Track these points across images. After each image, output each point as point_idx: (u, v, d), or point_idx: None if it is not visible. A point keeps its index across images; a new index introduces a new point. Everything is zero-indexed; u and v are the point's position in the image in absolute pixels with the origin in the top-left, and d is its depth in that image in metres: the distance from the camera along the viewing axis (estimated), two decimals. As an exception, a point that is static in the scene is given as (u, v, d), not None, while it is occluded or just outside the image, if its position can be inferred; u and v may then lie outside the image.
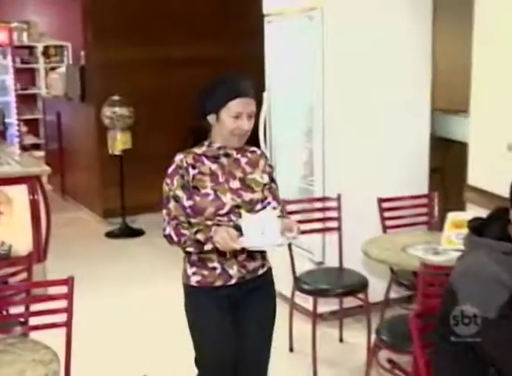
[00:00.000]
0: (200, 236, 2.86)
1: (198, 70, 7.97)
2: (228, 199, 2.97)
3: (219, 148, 3.04)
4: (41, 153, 10.37)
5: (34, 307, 3.34)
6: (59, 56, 11.05)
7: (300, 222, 4.09)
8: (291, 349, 4.72)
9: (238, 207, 2.97)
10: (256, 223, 2.85)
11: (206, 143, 3.07)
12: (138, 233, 7.59)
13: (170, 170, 3.02)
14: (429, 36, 5.23)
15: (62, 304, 3.17)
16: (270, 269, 3.18)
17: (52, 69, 10.53)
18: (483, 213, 2.74)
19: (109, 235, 7.57)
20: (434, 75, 5.34)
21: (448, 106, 5.83)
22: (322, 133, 4.93)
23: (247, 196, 3.02)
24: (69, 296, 3.16)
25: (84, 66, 8.33)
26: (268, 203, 3.08)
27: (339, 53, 4.88)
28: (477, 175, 4.61)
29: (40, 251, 5.63)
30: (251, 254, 3.02)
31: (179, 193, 2.96)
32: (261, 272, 3.10)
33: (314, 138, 5.02)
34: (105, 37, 7.73)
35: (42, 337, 3.06)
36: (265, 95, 5.49)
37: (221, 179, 3.01)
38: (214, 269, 3.00)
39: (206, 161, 3.03)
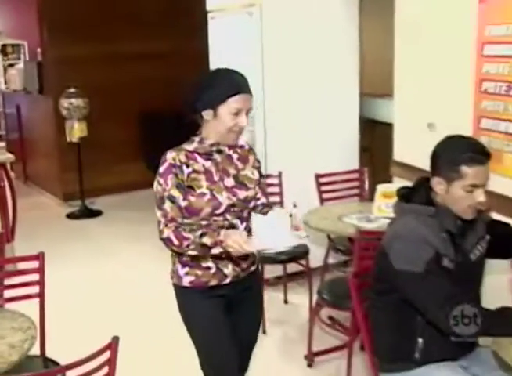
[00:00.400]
0: (206, 240, 2.51)
1: (147, 64, 8.00)
2: (224, 198, 2.63)
3: (212, 145, 2.68)
4: (2, 144, 10.17)
5: (8, 281, 3.33)
6: (17, 54, 10.84)
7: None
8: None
9: (233, 205, 2.66)
10: (268, 224, 2.58)
11: (197, 139, 2.69)
12: (96, 213, 7.54)
13: (162, 169, 2.62)
14: (356, 28, 5.32)
15: (33, 277, 3.19)
16: (258, 264, 2.93)
17: (11, 65, 10.38)
18: (408, 185, 2.85)
19: (70, 216, 7.51)
20: (361, 63, 5.43)
21: (374, 91, 5.95)
22: (263, 118, 5.00)
23: (242, 194, 2.70)
24: (41, 270, 3.19)
25: (41, 62, 8.20)
26: (258, 199, 2.78)
27: (276, 45, 4.95)
28: (402, 151, 4.72)
29: (8, 233, 5.57)
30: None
31: (174, 192, 2.59)
32: (252, 269, 2.82)
33: (256, 122, 5.06)
34: (60, 34, 7.65)
35: (17, 308, 3.07)
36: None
37: (215, 178, 2.66)
38: (209, 268, 2.67)
39: (199, 159, 2.66)
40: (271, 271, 4.97)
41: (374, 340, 2.80)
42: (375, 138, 6.53)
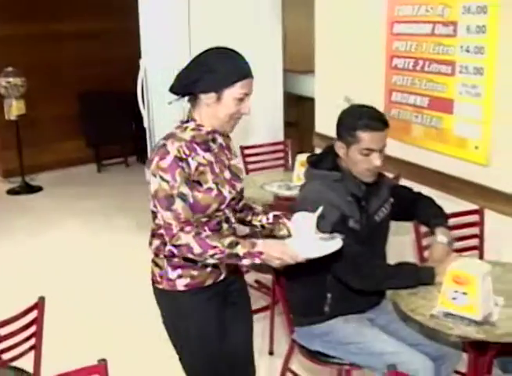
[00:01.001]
0: (240, 250, 2.18)
1: (83, 43, 7.89)
2: (227, 192, 2.35)
3: (208, 133, 2.35)
4: None
5: None
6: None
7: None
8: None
9: (233, 199, 2.40)
10: (308, 226, 2.28)
11: (191, 126, 2.33)
12: (37, 189, 7.46)
13: (166, 162, 2.21)
14: (279, 6, 5.40)
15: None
16: None
17: None
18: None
19: (10, 192, 7.39)
20: (284, 41, 5.53)
21: (298, 68, 6.05)
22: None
23: (239, 186, 2.45)
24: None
25: (-22, 41, 8.03)
26: None
27: (202, 24, 4.98)
28: (322, 124, 4.84)
29: None
30: None
31: (184, 189, 2.23)
32: None
33: (184, 99, 5.06)
34: (-4, 13, 7.49)
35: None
36: (141, 61, 5.54)
37: (217, 170, 2.35)
38: (205, 266, 2.36)
39: (198, 150, 2.31)
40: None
41: (289, 297, 2.90)
42: (300, 112, 6.63)
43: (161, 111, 5.64)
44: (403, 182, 3.78)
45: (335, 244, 2.26)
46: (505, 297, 2.51)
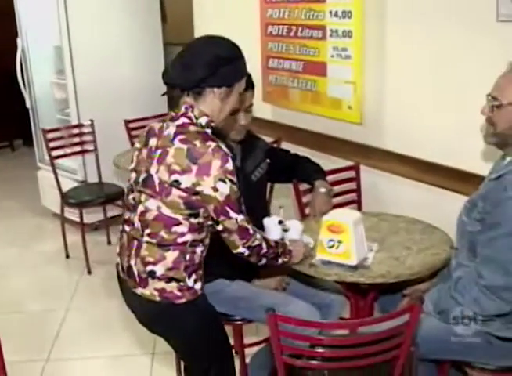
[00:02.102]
0: (279, 250, 2.33)
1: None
2: None
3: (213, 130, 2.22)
4: None
5: None
6: None
7: (60, 148, 4.18)
8: (67, 256, 4.80)
9: None
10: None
11: (203, 122, 2.15)
12: None
13: (230, 165, 2.07)
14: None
15: None
16: None
17: None
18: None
19: None
20: (163, 14, 5.52)
21: (179, 40, 6.03)
22: (71, 71, 4.95)
23: None
24: None
25: None
26: None
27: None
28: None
29: None
30: None
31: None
32: None
33: (67, 75, 4.99)
34: None
35: None
36: (19, 40, 5.36)
37: None
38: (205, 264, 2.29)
39: None
40: (92, 216, 5.02)
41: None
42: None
43: (43, 91, 5.52)
44: (283, 145, 3.90)
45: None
46: (379, 243, 2.68)
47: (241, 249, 2.17)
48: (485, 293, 2.15)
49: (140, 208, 2.17)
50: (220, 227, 2.14)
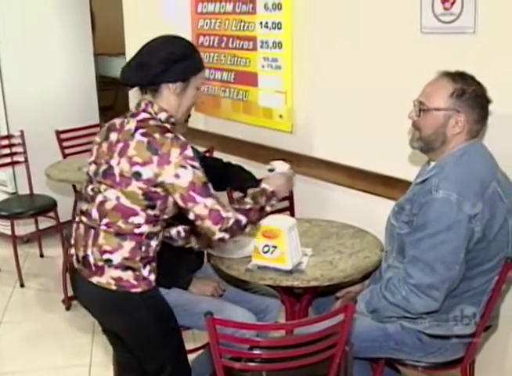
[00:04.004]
0: (262, 201, 2.30)
1: None
2: None
3: (173, 123, 2.26)
4: None
5: None
6: None
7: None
8: (-1, 270, 4.72)
9: None
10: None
11: (163, 117, 2.21)
12: None
13: (190, 152, 2.14)
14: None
15: None
16: None
17: None
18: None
19: None
20: (94, 26, 5.48)
21: (110, 50, 6.02)
22: (0, 81, 4.85)
23: None
24: None
25: None
26: None
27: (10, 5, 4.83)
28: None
29: None
30: None
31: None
32: None
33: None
34: None
35: None
36: None
37: None
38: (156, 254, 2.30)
39: None
40: (24, 228, 4.93)
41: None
42: (119, 95, 6.61)
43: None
44: (216, 154, 3.92)
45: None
46: (312, 248, 2.74)
47: (219, 234, 2.15)
48: (414, 291, 2.22)
49: (99, 198, 2.19)
50: (191, 215, 2.14)
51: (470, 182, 2.20)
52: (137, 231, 2.17)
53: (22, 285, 4.44)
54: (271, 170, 2.61)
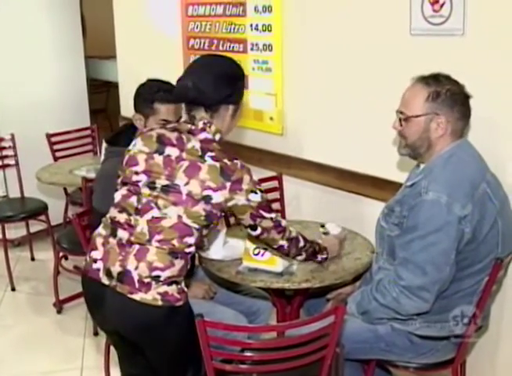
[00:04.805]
0: (316, 246, 2.50)
1: None
2: None
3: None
4: None
5: None
6: None
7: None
8: (-10, 274, 4.67)
9: None
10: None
11: (217, 139, 2.21)
12: None
13: (254, 178, 2.21)
14: (77, 2, 5.36)
15: None
16: None
17: None
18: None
19: None
20: (84, 28, 5.47)
21: (100, 53, 6.01)
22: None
23: None
24: None
25: None
26: None
27: None
28: (128, 107, 4.81)
29: None
30: None
31: None
32: None
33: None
34: None
35: None
36: None
37: None
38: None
39: None
40: (15, 232, 4.91)
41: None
42: (110, 98, 6.60)
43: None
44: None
45: None
46: (303, 249, 2.73)
47: (281, 242, 2.31)
48: (405, 293, 2.22)
49: (154, 213, 2.12)
50: (259, 230, 2.26)
51: (459, 184, 2.21)
52: (187, 250, 2.16)
53: (13, 289, 4.40)
54: (325, 233, 2.73)
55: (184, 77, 2.22)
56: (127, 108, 4.82)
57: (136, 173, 2.19)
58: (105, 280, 2.16)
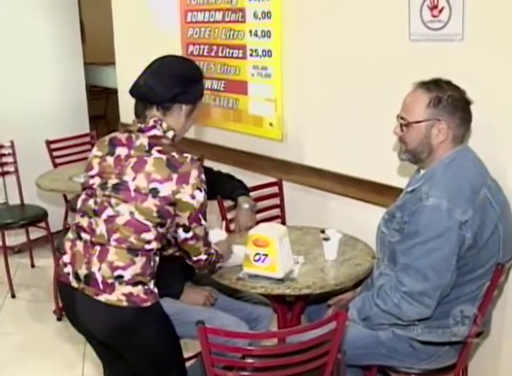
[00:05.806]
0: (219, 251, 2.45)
1: None
2: None
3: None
4: None
5: None
6: None
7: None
8: (-10, 281, 4.67)
9: None
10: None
11: (170, 136, 2.22)
12: None
13: (203, 175, 2.21)
14: (76, 5, 5.36)
15: None
16: None
17: None
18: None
19: None
20: (84, 36, 5.47)
21: (100, 60, 6.01)
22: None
23: None
24: None
25: None
26: None
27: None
28: (127, 114, 4.82)
29: None
30: None
31: None
32: None
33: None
34: None
35: None
36: None
37: None
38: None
39: None
40: (14, 238, 4.91)
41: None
42: (109, 104, 6.60)
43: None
44: (206, 163, 3.91)
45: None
46: (304, 255, 2.73)
47: (202, 256, 2.31)
48: (406, 299, 2.22)
49: (108, 212, 2.14)
50: (190, 234, 2.23)
51: (460, 189, 2.21)
52: (147, 247, 2.16)
53: (13, 296, 4.40)
54: (325, 239, 2.71)
55: (140, 75, 2.29)
56: (126, 114, 4.82)
57: (92, 177, 2.24)
58: (74, 284, 2.20)
